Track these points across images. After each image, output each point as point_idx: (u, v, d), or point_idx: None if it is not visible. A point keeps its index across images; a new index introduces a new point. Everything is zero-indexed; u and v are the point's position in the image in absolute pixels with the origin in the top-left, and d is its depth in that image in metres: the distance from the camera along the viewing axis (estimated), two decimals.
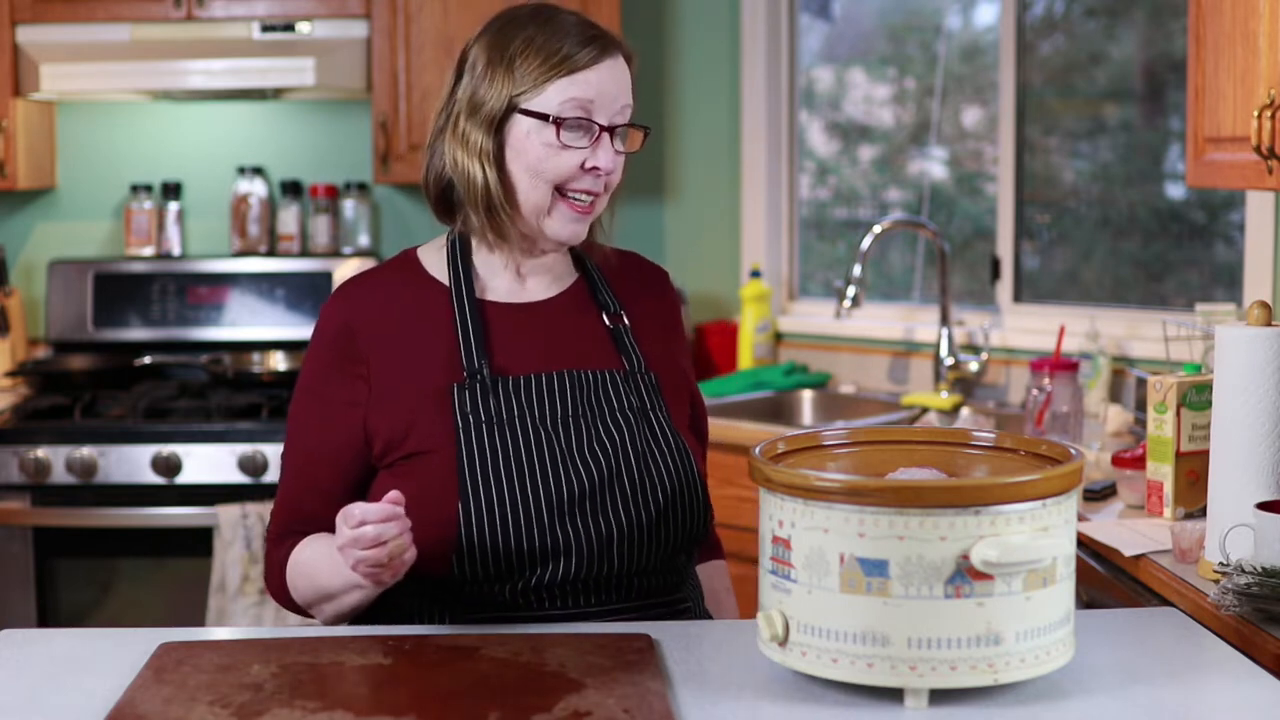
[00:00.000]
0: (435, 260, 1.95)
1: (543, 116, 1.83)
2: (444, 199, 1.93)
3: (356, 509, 1.66)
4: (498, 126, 1.86)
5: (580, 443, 1.84)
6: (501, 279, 1.94)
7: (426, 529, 1.77)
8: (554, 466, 1.82)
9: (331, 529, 1.82)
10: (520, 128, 1.85)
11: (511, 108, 1.85)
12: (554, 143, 1.83)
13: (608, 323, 1.95)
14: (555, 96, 1.83)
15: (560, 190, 1.86)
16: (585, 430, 1.86)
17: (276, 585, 1.92)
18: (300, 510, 1.90)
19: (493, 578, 1.81)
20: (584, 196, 1.86)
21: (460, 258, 1.92)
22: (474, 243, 1.93)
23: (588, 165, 1.84)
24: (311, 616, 1.92)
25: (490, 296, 1.93)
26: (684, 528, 1.87)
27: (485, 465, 1.81)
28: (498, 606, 1.82)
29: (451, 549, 1.79)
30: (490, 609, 1.83)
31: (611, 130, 1.86)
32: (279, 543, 1.91)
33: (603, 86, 1.84)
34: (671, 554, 1.88)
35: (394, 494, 1.67)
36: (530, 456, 1.82)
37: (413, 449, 1.84)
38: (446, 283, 1.92)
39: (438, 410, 1.84)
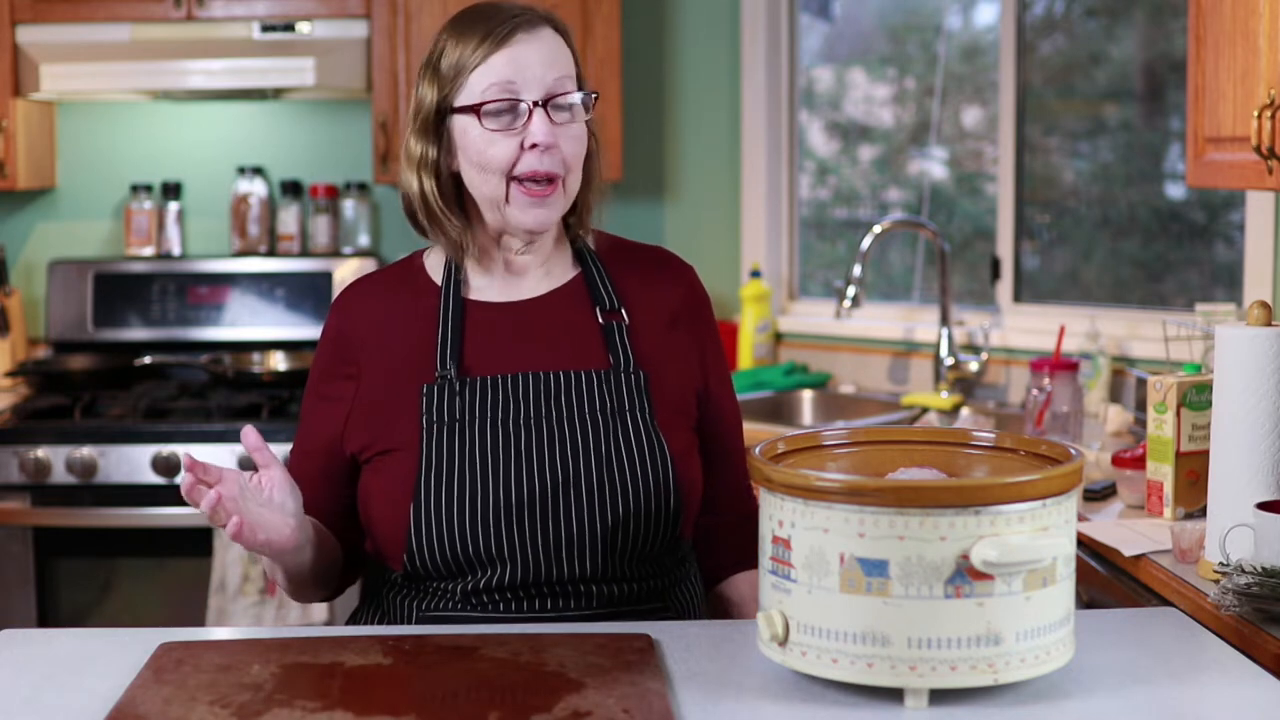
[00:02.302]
0: (437, 263, 1.96)
1: (469, 109, 1.83)
2: (412, 214, 1.93)
3: (186, 458, 1.67)
4: (435, 131, 1.86)
5: (540, 445, 1.83)
6: (493, 278, 1.93)
7: (386, 524, 1.84)
8: (508, 469, 1.81)
9: (318, 517, 1.90)
10: (458, 127, 1.85)
11: (444, 110, 1.85)
12: (485, 132, 1.82)
13: (600, 319, 1.92)
14: (478, 85, 1.82)
15: (515, 179, 1.83)
16: (548, 432, 1.84)
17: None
18: None
19: (442, 576, 1.82)
20: (538, 181, 1.83)
21: (456, 260, 1.93)
22: (469, 250, 1.94)
23: (527, 144, 1.82)
24: (297, 599, 1.97)
25: (479, 296, 1.93)
26: (650, 534, 1.84)
27: (441, 465, 1.82)
28: (451, 605, 1.84)
29: (404, 546, 1.81)
30: (445, 607, 1.84)
31: (546, 103, 1.83)
32: None
33: (522, 62, 1.82)
34: (636, 561, 1.85)
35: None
36: (485, 458, 1.82)
37: (384, 447, 1.87)
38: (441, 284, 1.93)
39: (412, 410, 1.86)
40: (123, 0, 3.85)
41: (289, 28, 3.88)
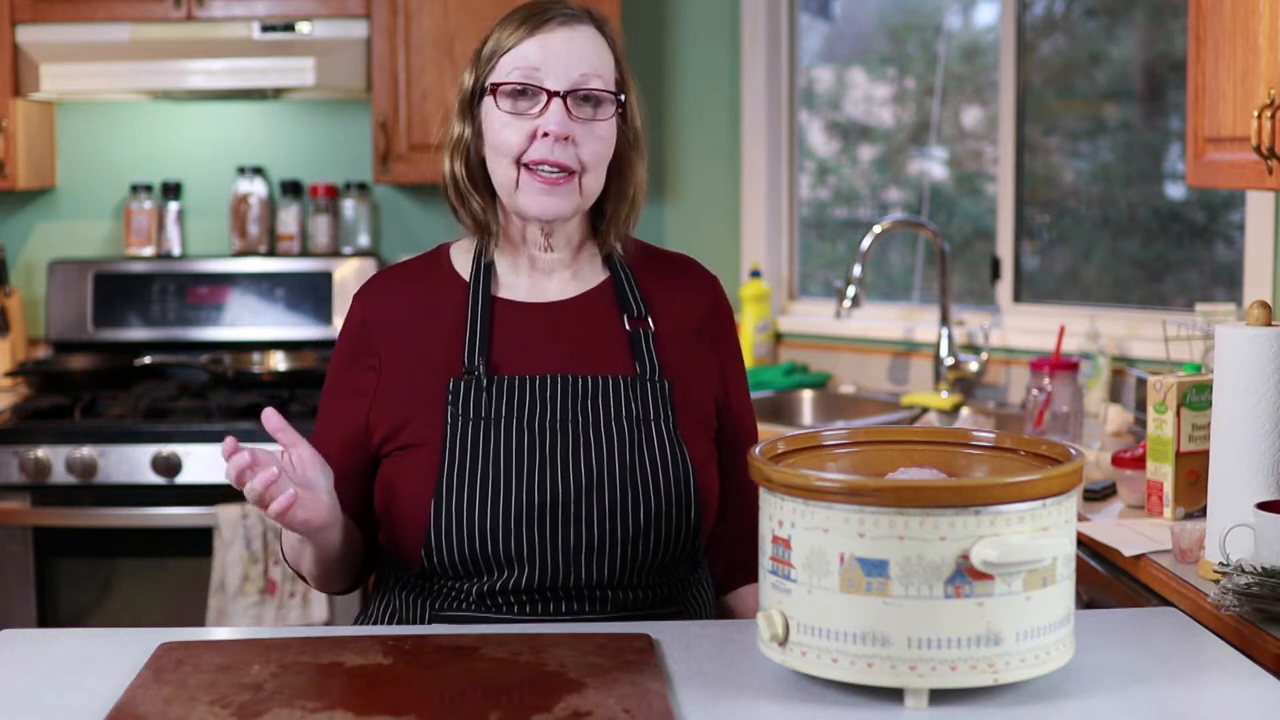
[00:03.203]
0: (462, 257, 1.95)
1: (492, 90, 1.84)
2: (447, 198, 1.94)
3: (231, 441, 1.66)
4: (470, 113, 1.87)
5: (565, 448, 1.82)
6: (520, 277, 1.93)
7: (405, 520, 1.83)
8: (530, 470, 1.81)
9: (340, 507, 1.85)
10: (485, 108, 1.86)
11: (478, 92, 1.86)
12: (501, 113, 1.83)
13: (627, 326, 1.91)
14: (505, 67, 1.83)
15: (524, 165, 1.83)
16: (574, 436, 1.83)
17: (283, 550, 1.96)
18: None
19: (460, 575, 1.82)
20: (548, 169, 1.83)
21: (484, 255, 1.93)
22: (490, 241, 1.93)
23: (540, 132, 1.82)
24: (323, 588, 1.96)
25: (507, 295, 1.92)
26: (669, 545, 1.83)
27: (464, 462, 1.81)
28: (466, 605, 1.83)
29: (422, 543, 1.80)
30: (461, 607, 1.83)
31: (565, 96, 1.82)
32: None
33: (551, 51, 1.82)
34: (654, 570, 1.84)
35: (267, 412, 1.68)
36: (510, 458, 1.81)
37: (406, 441, 1.85)
38: (468, 279, 1.92)
39: (437, 405, 1.85)
40: (123, 0, 3.85)
41: (289, 28, 3.88)
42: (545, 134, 1.81)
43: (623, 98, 1.89)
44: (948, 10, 4.18)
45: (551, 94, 1.82)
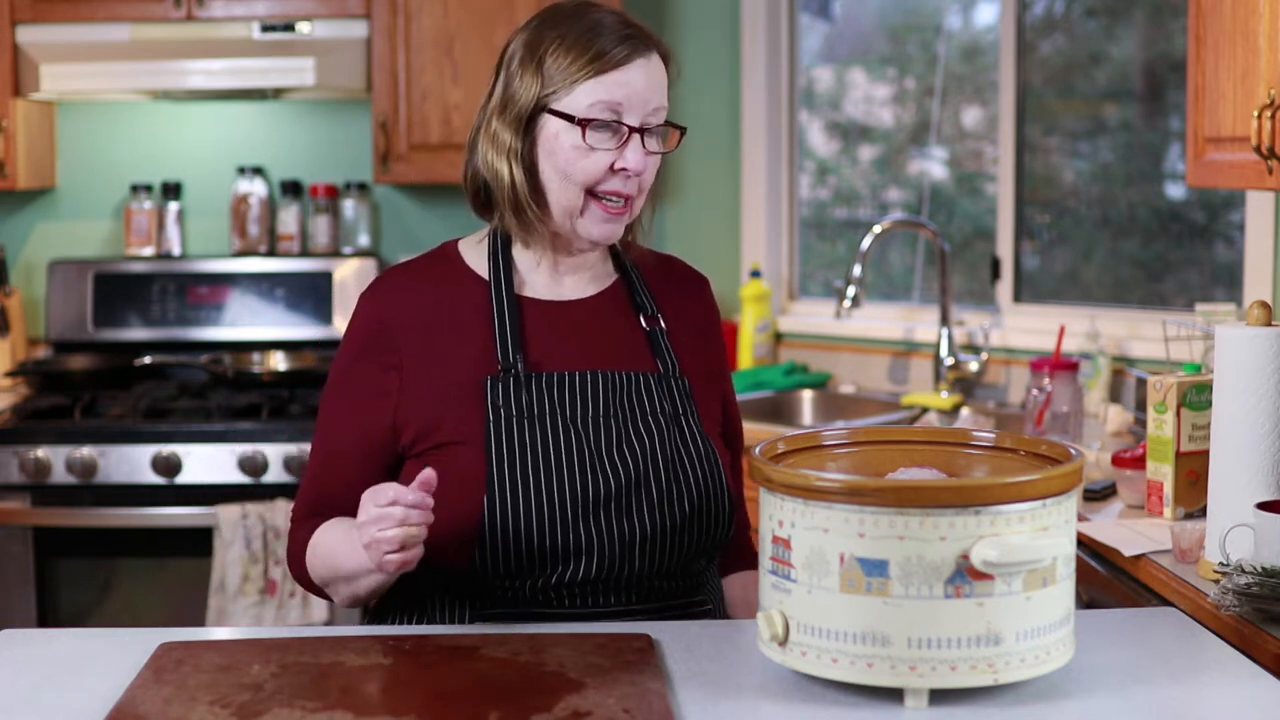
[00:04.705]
0: (475, 254, 1.95)
1: (570, 118, 1.82)
2: (482, 196, 1.93)
3: (390, 489, 1.65)
4: (527, 126, 1.85)
5: (610, 443, 1.84)
6: (540, 276, 1.94)
7: (450, 520, 1.78)
8: (582, 465, 1.82)
9: (354, 514, 1.79)
10: (550, 128, 1.84)
11: (541, 107, 1.84)
12: (581, 145, 1.82)
13: (644, 325, 1.94)
14: (584, 98, 1.82)
15: (592, 192, 1.85)
16: (616, 431, 1.85)
17: (296, 564, 1.94)
18: (325, 494, 1.91)
19: (512, 573, 1.81)
20: (615, 199, 1.85)
21: (501, 253, 1.92)
22: (513, 238, 1.93)
23: (616, 166, 1.83)
24: (329, 598, 1.93)
25: (527, 293, 1.93)
26: (708, 534, 1.87)
27: (513, 459, 1.81)
28: (515, 602, 1.83)
29: (473, 541, 1.79)
30: (507, 604, 1.83)
31: (642, 131, 1.84)
32: (302, 523, 1.92)
33: (633, 87, 1.83)
34: (693, 558, 1.87)
35: (428, 474, 1.66)
36: (559, 453, 1.82)
37: (443, 439, 1.84)
38: (485, 276, 1.92)
39: (470, 402, 1.84)
40: (123, 0, 3.85)
41: (289, 28, 3.88)
42: (623, 169, 1.84)
43: (683, 132, 1.92)
44: (948, 10, 4.18)
45: (632, 130, 1.84)
